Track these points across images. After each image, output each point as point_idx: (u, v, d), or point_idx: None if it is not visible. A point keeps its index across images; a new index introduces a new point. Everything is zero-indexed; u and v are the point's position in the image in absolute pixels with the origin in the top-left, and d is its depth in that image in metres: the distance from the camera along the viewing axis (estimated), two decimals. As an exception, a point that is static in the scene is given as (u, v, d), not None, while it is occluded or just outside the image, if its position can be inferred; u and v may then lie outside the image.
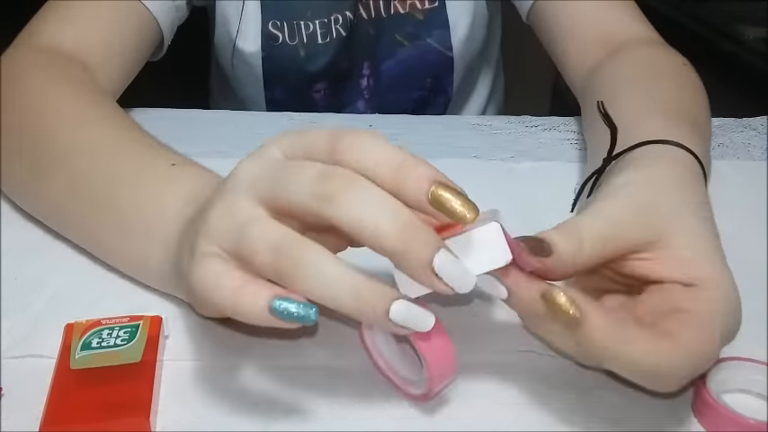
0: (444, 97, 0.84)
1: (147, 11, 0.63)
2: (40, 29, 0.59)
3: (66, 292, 0.45)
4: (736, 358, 0.38)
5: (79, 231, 0.48)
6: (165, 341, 0.40)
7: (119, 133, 0.48)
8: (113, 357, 0.37)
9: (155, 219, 0.42)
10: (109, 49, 0.60)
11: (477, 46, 0.83)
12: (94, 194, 0.45)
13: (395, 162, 0.32)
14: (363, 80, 0.82)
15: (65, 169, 0.47)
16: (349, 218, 0.31)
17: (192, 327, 0.42)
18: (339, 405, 0.37)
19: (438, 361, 0.35)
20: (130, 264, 0.45)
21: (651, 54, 0.61)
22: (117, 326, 0.39)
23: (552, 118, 0.71)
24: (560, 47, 0.67)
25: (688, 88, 0.55)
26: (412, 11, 0.78)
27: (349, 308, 0.31)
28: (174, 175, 0.43)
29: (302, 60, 0.77)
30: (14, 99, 0.52)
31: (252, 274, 0.33)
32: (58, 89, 0.52)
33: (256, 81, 0.80)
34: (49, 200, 0.48)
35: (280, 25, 0.76)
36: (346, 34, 0.77)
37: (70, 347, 0.38)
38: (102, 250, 0.46)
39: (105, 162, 0.46)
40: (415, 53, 0.80)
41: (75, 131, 0.48)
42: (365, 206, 0.31)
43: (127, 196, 0.44)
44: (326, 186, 0.31)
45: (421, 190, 0.31)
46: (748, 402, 0.37)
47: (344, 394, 0.38)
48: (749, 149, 0.65)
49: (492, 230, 0.33)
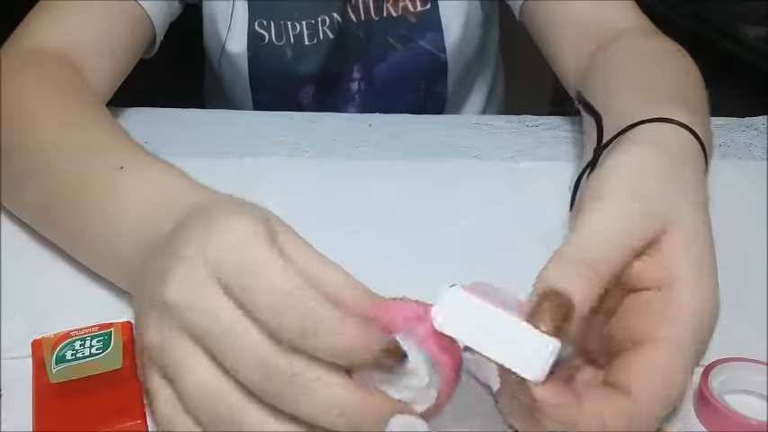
0: (439, 100, 0.84)
1: (139, 8, 0.62)
2: (31, 29, 0.59)
3: (65, 292, 0.45)
4: (737, 359, 0.38)
5: (58, 242, 0.47)
6: None
7: (77, 134, 0.47)
8: (92, 367, 0.37)
9: (110, 242, 0.41)
10: (100, 48, 0.60)
11: (471, 48, 0.82)
12: (62, 208, 0.44)
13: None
14: (354, 84, 0.81)
15: (34, 179, 0.46)
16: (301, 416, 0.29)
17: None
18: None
19: (450, 365, 0.32)
20: (102, 272, 0.44)
21: (645, 42, 0.60)
22: (88, 336, 0.39)
23: (553, 117, 0.70)
24: (553, 47, 0.66)
25: (681, 70, 0.54)
26: (404, 13, 0.77)
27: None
28: (122, 194, 0.41)
29: (289, 61, 0.77)
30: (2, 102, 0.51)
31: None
32: (30, 89, 0.51)
33: (243, 83, 0.79)
34: (24, 210, 0.48)
35: (266, 25, 0.75)
36: (334, 36, 0.76)
37: (44, 363, 0.37)
38: (78, 258, 0.46)
39: (64, 174, 0.44)
40: (407, 56, 0.79)
41: (38, 136, 0.47)
42: (314, 408, 0.29)
43: (84, 214, 0.42)
44: (269, 388, 0.29)
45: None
46: (750, 403, 0.37)
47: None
48: (750, 149, 0.65)
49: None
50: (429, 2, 0.77)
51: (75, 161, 0.44)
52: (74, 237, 0.44)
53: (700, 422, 0.37)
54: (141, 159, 0.43)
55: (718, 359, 0.38)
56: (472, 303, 0.31)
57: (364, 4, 0.77)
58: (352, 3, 0.77)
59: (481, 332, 0.30)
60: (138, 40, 0.64)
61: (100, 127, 0.48)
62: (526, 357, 0.30)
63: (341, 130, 0.67)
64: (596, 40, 0.62)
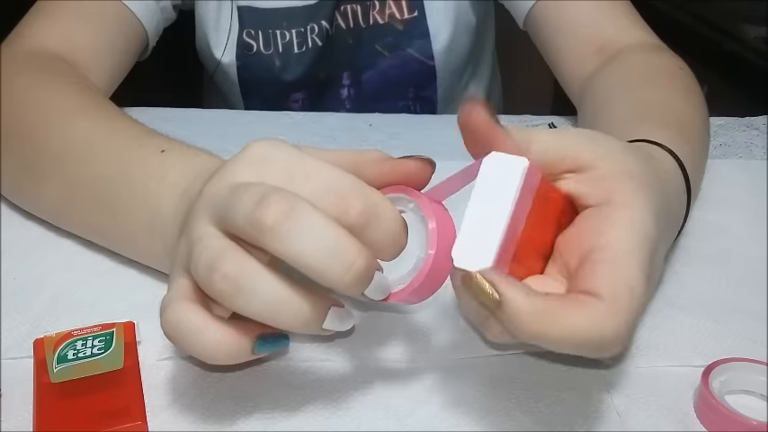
0: (429, 105, 0.84)
1: (131, 13, 0.63)
2: (27, 31, 0.60)
3: (65, 292, 0.45)
4: (737, 359, 0.38)
5: (81, 232, 0.48)
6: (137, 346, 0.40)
7: (109, 125, 0.48)
8: (94, 367, 0.37)
9: (152, 220, 0.41)
10: (97, 50, 0.60)
11: (461, 54, 0.82)
12: (91, 197, 0.45)
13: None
14: (344, 90, 0.82)
15: (59, 171, 0.47)
16: (287, 252, 0.30)
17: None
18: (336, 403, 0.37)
19: (443, 231, 0.34)
20: (137, 256, 0.45)
21: (646, 59, 0.60)
22: (90, 335, 0.39)
23: (553, 117, 0.70)
24: (557, 56, 0.67)
25: (679, 91, 0.55)
26: (391, 21, 0.78)
27: (288, 327, 0.31)
28: (165, 170, 0.42)
29: (278, 70, 0.78)
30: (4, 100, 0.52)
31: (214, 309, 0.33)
32: (46, 87, 0.52)
33: (235, 89, 0.80)
34: (46, 202, 0.49)
35: (254, 34, 0.76)
36: (322, 44, 0.77)
37: (45, 362, 0.37)
38: (108, 245, 0.47)
39: (99, 162, 0.46)
40: (395, 63, 0.80)
41: (65, 129, 0.48)
42: (305, 241, 0.29)
43: (124, 198, 0.43)
44: (264, 214, 0.30)
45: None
46: (750, 403, 0.37)
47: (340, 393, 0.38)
48: (751, 149, 0.65)
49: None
50: (416, 10, 0.77)
51: (112, 150, 0.46)
52: (107, 223, 0.45)
53: (700, 422, 0.37)
54: (177, 143, 0.45)
55: (718, 359, 0.38)
56: None
57: (353, 11, 0.77)
58: (341, 10, 0.77)
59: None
60: (132, 43, 0.64)
61: (127, 119, 0.49)
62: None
63: (341, 130, 0.67)
64: (600, 52, 0.62)
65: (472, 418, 0.36)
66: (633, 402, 0.38)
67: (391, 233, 0.32)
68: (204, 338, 0.31)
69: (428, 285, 0.34)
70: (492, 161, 0.32)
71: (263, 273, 0.31)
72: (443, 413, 0.37)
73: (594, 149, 0.34)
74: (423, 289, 0.34)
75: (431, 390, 0.38)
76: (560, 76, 0.67)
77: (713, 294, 0.46)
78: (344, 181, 0.32)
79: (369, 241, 0.31)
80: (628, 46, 0.62)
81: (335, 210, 0.31)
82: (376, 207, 0.31)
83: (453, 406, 0.37)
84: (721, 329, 0.43)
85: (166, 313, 0.32)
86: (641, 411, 0.37)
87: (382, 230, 0.31)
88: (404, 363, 0.40)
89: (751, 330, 0.43)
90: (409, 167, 0.35)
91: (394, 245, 0.32)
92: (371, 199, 0.31)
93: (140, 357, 0.38)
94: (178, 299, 0.32)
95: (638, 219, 0.33)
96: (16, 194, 0.52)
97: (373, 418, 0.36)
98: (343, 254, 0.30)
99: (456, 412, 0.37)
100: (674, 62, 0.60)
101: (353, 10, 0.77)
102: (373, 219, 0.31)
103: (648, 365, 0.40)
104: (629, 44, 0.62)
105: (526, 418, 0.37)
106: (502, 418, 0.36)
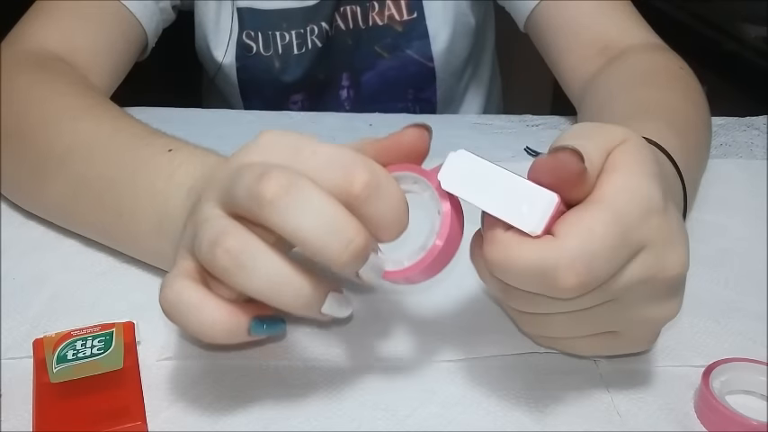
0: (429, 107, 0.84)
1: (131, 14, 0.63)
2: (27, 31, 0.59)
3: (65, 292, 0.45)
4: (737, 359, 0.38)
5: (86, 231, 0.48)
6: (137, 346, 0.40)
7: (113, 125, 0.48)
8: (94, 367, 0.37)
9: (160, 219, 0.41)
10: (96, 51, 0.60)
11: (460, 56, 0.82)
12: (96, 197, 0.45)
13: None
14: (343, 92, 0.82)
15: (63, 171, 0.47)
16: (285, 226, 0.30)
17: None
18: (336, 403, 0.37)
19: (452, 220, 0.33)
20: (143, 256, 0.45)
21: (646, 60, 0.60)
22: (90, 336, 0.39)
23: (553, 117, 0.70)
24: (558, 57, 0.66)
25: (677, 89, 0.55)
26: (390, 22, 0.78)
27: (288, 307, 0.31)
28: (172, 169, 0.43)
29: (277, 71, 0.78)
30: (5, 101, 0.52)
31: (214, 287, 0.32)
32: (47, 87, 0.52)
33: (234, 91, 0.80)
34: (50, 202, 0.49)
35: (254, 36, 0.76)
36: (322, 45, 0.77)
37: (45, 362, 0.37)
38: (112, 245, 0.47)
39: (103, 162, 0.46)
40: (394, 64, 0.80)
41: (69, 129, 0.48)
42: (303, 216, 0.30)
43: (130, 197, 0.43)
44: (264, 188, 0.30)
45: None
46: (751, 403, 0.37)
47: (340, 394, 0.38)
48: (752, 148, 0.65)
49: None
50: (415, 11, 0.77)
51: (117, 149, 0.46)
52: (113, 223, 0.45)
53: (700, 422, 0.37)
54: (184, 143, 0.45)
55: (718, 359, 0.38)
56: (477, 163, 0.32)
57: (352, 12, 0.77)
58: (341, 11, 0.77)
59: (483, 189, 0.32)
60: (131, 43, 0.64)
61: (130, 118, 0.49)
62: (525, 210, 0.31)
63: (341, 130, 0.67)
64: (602, 53, 0.62)
65: (472, 418, 0.36)
66: (633, 402, 0.38)
67: (395, 209, 0.32)
68: (201, 315, 0.31)
69: (439, 261, 0.34)
70: (454, 158, 0.33)
71: (266, 250, 0.31)
72: (443, 413, 0.37)
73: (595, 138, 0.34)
74: (433, 267, 0.33)
75: (431, 390, 0.38)
76: (561, 78, 0.67)
77: (713, 294, 0.46)
78: (350, 155, 0.32)
79: (372, 215, 0.31)
80: (630, 46, 0.62)
81: (341, 182, 0.31)
82: (380, 180, 0.31)
83: (453, 406, 0.37)
84: (721, 329, 0.43)
85: (165, 290, 0.32)
86: (641, 411, 0.37)
87: (385, 205, 0.31)
88: (404, 363, 0.40)
89: (751, 330, 0.43)
90: (407, 136, 0.35)
91: (396, 221, 0.32)
92: (377, 172, 0.32)
93: (140, 357, 0.38)
94: (178, 276, 0.32)
95: (632, 180, 0.32)
96: (18, 194, 0.52)
97: (373, 418, 0.36)
98: (341, 231, 0.30)
99: (456, 412, 0.37)
100: (675, 62, 0.60)
101: (353, 11, 0.77)
102: (377, 191, 0.31)
103: (648, 365, 0.40)
104: (632, 45, 0.62)
105: (526, 418, 0.37)
106: (502, 418, 0.37)
